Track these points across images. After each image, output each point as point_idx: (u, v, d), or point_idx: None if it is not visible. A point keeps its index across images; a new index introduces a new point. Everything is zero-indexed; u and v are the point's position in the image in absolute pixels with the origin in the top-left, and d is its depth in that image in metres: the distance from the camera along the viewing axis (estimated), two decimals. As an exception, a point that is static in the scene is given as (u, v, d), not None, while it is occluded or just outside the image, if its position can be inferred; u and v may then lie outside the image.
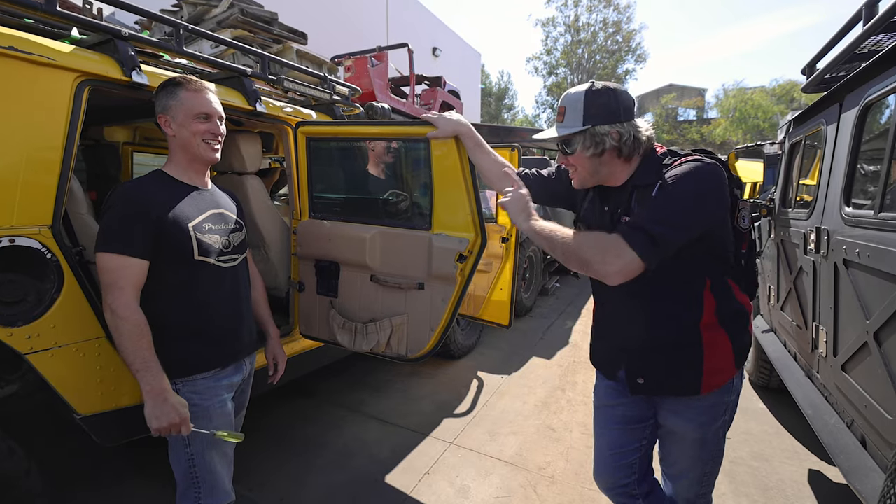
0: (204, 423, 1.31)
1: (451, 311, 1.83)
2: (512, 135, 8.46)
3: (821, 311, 1.93)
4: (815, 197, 2.06)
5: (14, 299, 1.32)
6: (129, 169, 3.26)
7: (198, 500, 1.34)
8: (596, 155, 1.16)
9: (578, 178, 1.24)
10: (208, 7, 3.92)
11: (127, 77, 1.58)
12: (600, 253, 1.07)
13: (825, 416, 1.82)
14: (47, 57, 1.37)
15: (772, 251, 2.79)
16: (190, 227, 1.30)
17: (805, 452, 2.50)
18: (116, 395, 1.59)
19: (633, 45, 29.99)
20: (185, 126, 1.31)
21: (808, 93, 2.44)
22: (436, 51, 16.30)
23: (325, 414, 2.86)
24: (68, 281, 1.43)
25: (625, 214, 1.17)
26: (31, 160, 1.35)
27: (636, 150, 1.16)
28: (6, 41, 1.29)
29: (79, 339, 1.47)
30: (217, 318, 1.38)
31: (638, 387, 1.26)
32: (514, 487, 2.21)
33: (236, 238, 1.46)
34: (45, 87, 1.38)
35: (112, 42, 1.59)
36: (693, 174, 1.06)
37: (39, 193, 1.37)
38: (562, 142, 1.20)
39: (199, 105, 1.32)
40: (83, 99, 1.47)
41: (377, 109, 3.16)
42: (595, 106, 1.13)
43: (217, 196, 1.47)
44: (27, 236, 1.33)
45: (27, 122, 1.34)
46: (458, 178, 1.73)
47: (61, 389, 1.43)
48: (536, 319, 5.11)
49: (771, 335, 2.83)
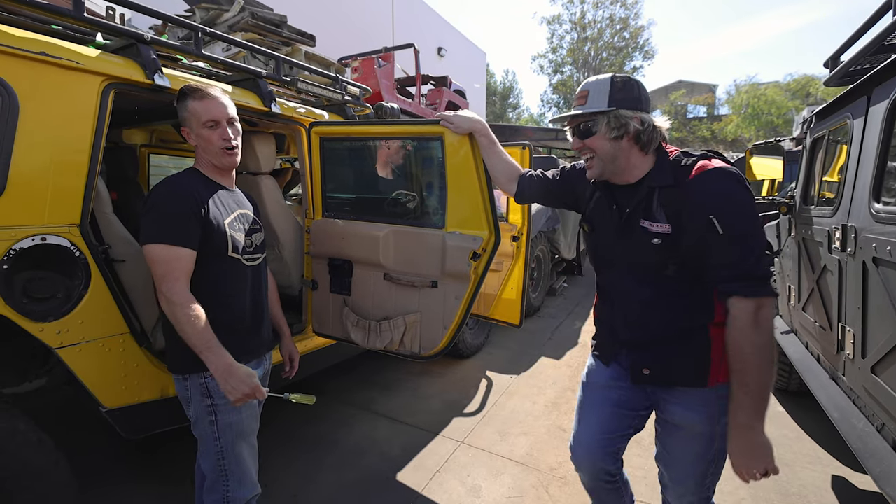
0: (232, 415, 1.35)
1: (464, 309, 1.86)
2: (517, 134, 8.47)
3: (847, 312, 1.85)
4: (840, 193, 1.98)
5: (45, 295, 1.37)
6: (146, 170, 3.33)
7: (226, 492, 1.37)
8: (617, 138, 1.15)
9: (595, 166, 1.21)
10: (220, 11, 3.98)
11: (150, 80, 1.62)
12: (766, 335, 1.06)
13: (853, 420, 1.74)
14: (76, 61, 1.42)
15: (792, 250, 2.70)
16: (225, 223, 1.35)
17: (828, 457, 2.42)
18: (139, 389, 1.64)
19: (641, 41, 29.86)
20: (200, 135, 1.35)
21: (832, 86, 2.33)
22: (441, 50, 16.34)
23: (334, 412, 2.89)
24: (95, 278, 1.48)
25: (644, 217, 1.16)
26: (62, 161, 1.40)
27: (654, 141, 1.17)
28: (38, 47, 1.34)
29: (104, 335, 1.52)
30: (242, 314, 1.43)
31: (642, 377, 1.25)
32: (526, 488, 2.22)
33: (258, 238, 1.51)
34: (73, 90, 1.43)
35: (135, 46, 1.64)
36: (737, 183, 1.06)
37: (69, 193, 1.42)
38: (581, 124, 1.19)
39: (204, 112, 1.33)
40: (109, 101, 1.52)
41: (387, 109, 3.20)
42: (620, 91, 1.14)
43: (240, 197, 1.51)
44: (57, 235, 1.38)
45: (58, 125, 1.39)
46: (472, 177, 1.75)
47: (88, 383, 1.48)
48: (545, 319, 5.12)
49: (791, 336, 2.73)
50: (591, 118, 1.17)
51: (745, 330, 1.04)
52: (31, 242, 1.32)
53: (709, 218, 1.04)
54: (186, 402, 1.39)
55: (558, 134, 8.90)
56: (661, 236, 1.12)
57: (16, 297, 1.30)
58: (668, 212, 1.12)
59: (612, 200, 1.24)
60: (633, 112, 1.14)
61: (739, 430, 1.07)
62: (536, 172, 1.57)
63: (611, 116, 1.14)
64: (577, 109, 1.18)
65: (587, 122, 1.18)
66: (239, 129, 1.43)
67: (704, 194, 1.07)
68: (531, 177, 1.56)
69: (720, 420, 1.18)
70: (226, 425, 1.34)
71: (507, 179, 1.62)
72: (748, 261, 1.04)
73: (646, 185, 1.17)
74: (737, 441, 1.08)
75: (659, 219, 1.13)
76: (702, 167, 1.09)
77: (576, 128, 1.21)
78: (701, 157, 1.14)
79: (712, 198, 1.06)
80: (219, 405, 1.33)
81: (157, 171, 3.49)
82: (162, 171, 3.63)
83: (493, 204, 1.78)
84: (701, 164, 1.10)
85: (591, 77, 1.19)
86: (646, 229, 1.15)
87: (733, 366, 1.08)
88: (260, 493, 1.48)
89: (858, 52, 1.97)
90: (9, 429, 1.25)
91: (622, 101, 1.14)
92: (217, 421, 1.34)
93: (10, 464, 1.23)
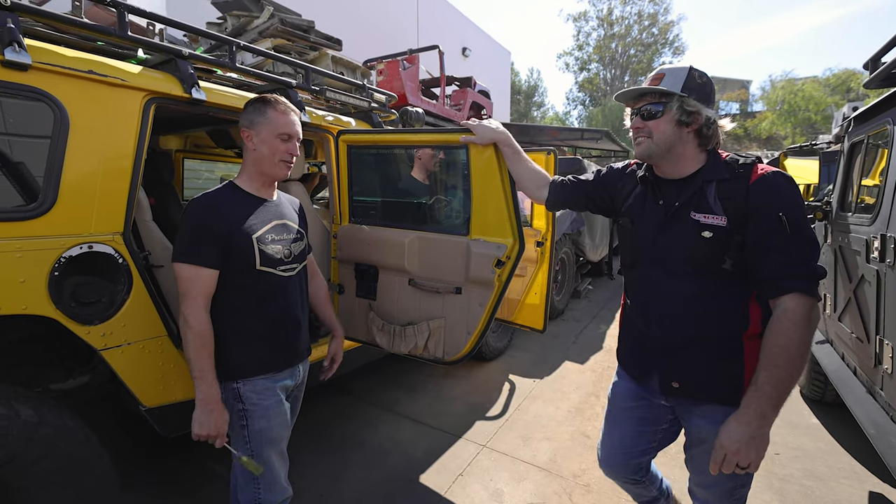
0: (262, 423, 1.40)
1: (488, 316, 1.87)
2: (542, 133, 8.39)
3: (885, 325, 1.80)
4: (879, 201, 1.93)
5: (91, 300, 1.45)
6: (180, 174, 3.47)
7: (257, 495, 1.42)
8: (682, 124, 1.16)
9: (646, 148, 1.20)
10: (250, 18, 4.10)
11: (187, 94, 1.69)
12: (812, 334, 1.08)
13: (891, 437, 1.69)
14: (120, 78, 1.50)
15: (828, 257, 2.62)
16: (254, 238, 1.39)
17: (865, 473, 2.34)
18: (175, 389, 1.71)
19: (671, 37, 29.12)
20: (267, 143, 1.40)
21: (871, 88, 2.26)
22: (466, 51, 16.32)
23: (360, 412, 2.94)
24: (136, 284, 1.55)
25: (696, 210, 1.16)
26: (107, 173, 1.48)
27: (713, 139, 1.19)
28: (86, 65, 1.42)
29: (145, 337, 1.60)
30: (276, 325, 1.46)
31: (672, 390, 1.24)
32: (549, 494, 2.21)
33: (297, 247, 1.53)
34: (118, 105, 1.51)
35: (174, 61, 1.71)
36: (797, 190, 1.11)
37: (113, 203, 1.50)
38: (649, 105, 1.18)
39: (283, 125, 1.40)
40: (150, 115, 1.60)
41: (412, 115, 3.23)
42: (696, 82, 1.16)
43: (282, 207, 1.54)
44: (103, 243, 1.46)
45: (104, 139, 1.47)
46: (497, 185, 1.76)
47: (130, 383, 1.56)
48: (569, 323, 5.06)
49: (827, 346, 2.66)
50: (662, 99, 1.17)
51: (799, 325, 1.04)
52: (79, 250, 1.40)
53: (779, 216, 1.06)
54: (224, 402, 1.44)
55: (584, 133, 8.76)
56: (715, 229, 1.13)
57: (65, 301, 1.38)
58: (727, 205, 1.13)
59: (658, 194, 1.25)
60: (702, 105, 1.16)
61: (751, 418, 1.05)
62: (567, 178, 1.56)
63: (684, 101, 1.15)
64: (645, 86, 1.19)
65: (655, 103, 1.18)
66: (298, 149, 1.49)
67: (772, 194, 1.09)
68: (563, 183, 1.55)
69: None
70: (256, 431, 1.39)
71: (536, 187, 1.61)
72: (812, 261, 1.07)
73: (700, 179, 1.18)
74: (743, 427, 1.05)
75: (716, 211, 1.14)
76: (764, 169, 1.13)
77: (640, 109, 1.21)
78: (757, 160, 1.16)
79: (781, 198, 1.09)
80: (250, 410, 1.38)
81: (191, 174, 3.64)
82: (195, 175, 3.78)
83: (517, 211, 1.78)
84: (762, 167, 1.14)
85: (667, 64, 1.21)
86: (698, 222, 1.15)
87: (769, 359, 1.06)
88: (291, 496, 1.52)
89: None
90: (59, 425, 1.33)
91: (695, 91, 1.15)
92: (248, 426, 1.38)
93: (61, 458, 1.31)
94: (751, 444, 1.05)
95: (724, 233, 1.12)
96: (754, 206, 1.09)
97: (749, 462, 1.05)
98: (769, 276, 1.09)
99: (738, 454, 1.05)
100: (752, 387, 1.07)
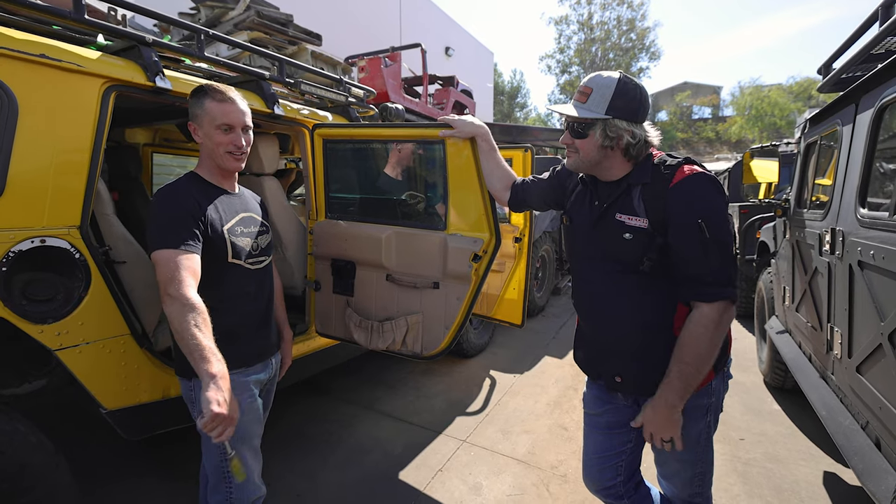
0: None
1: (465, 310, 1.85)
2: (525, 134, 8.42)
3: (836, 313, 1.91)
4: (830, 198, 2.05)
5: (45, 297, 1.37)
6: (149, 170, 3.34)
7: (229, 493, 1.37)
8: (607, 147, 1.17)
9: (574, 162, 1.23)
10: (225, 10, 3.98)
11: (151, 82, 1.62)
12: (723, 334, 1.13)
13: (839, 418, 1.81)
14: (76, 64, 1.42)
15: (787, 252, 2.77)
16: (225, 230, 1.34)
17: (820, 454, 2.48)
18: (139, 390, 1.64)
19: (647, 42, 29.71)
20: (210, 136, 1.33)
21: (824, 92, 2.41)
22: (448, 50, 16.29)
23: (339, 411, 2.89)
24: (95, 280, 1.48)
25: (620, 211, 1.18)
26: (61, 163, 1.40)
27: (641, 154, 1.18)
28: (37, 49, 1.34)
29: (104, 336, 1.53)
30: (246, 319, 1.41)
31: (616, 385, 1.28)
32: (527, 486, 2.22)
33: (263, 241, 1.49)
34: (74, 92, 1.43)
35: (136, 48, 1.64)
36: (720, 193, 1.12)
37: (68, 195, 1.42)
38: (576, 122, 1.19)
39: (221, 115, 1.32)
40: (109, 104, 1.52)
41: (391, 110, 3.19)
42: (623, 99, 1.13)
43: (245, 199, 1.50)
44: (57, 237, 1.39)
45: (58, 127, 1.39)
46: (473, 180, 1.74)
47: (88, 384, 1.48)
48: (549, 319, 5.09)
49: (786, 336, 2.81)
50: (585, 121, 1.16)
51: (710, 328, 1.09)
52: (30, 245, 1.32)
53: (697, 222, 1.08)
54: (191, 402, 1.38)
55: (565, 133, 8.82)
56: (636, 230, 1.15)
57: (15, 299, 1.30)
58: (649, 207, 1.14)
59: (595, 195, 1.27)
60: (628, 124, 1.14)
61: (664, 406, 1.14)
62: (529, 178, 1.58)
63: (607, 126, 1.14)
64: (575, 108, 1.17)
65: (581, 122, 1.17)
66: (251, 138, 1.42)
67: (692, 196, 1.10)
68: (524, 183, 1.58)
69: (693, 429, 1.23)
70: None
71: (502, 187, 1.64)
72: (726, 266, 1.10)
73: (625, 182, 1.19)
74: (658, 413, 1.15)
75: (638, 213, 1.16)
76: (689, 170, 1.12)
77: (571, 124, 1.21)
78: (684, 161, 1.16)
79: (700, 202, 1.10)
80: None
81: (161, 170, 3.51)
82: (165, 171, 3.65)
83: (493, 206, 1.77)
84: (687, 168, 1.13)
85: (602, 72, 1.18)
86: (622, 223, 1.18)
87: (681, 356, 1.12)
88: (265, 494, 1.47)
89: (848, 60, 2.04)
90: (9, 430, 1.25)
91: (620, 110, 1.13)
92: None
93: (8, 466, 1.23)
94: (666, 425, 1.15)
95: (645, 235, 1.14)
96: (673, 212, 1.11)
97: (670, 436, 1.16)
98: (686, 280, 1.12)
99: (659, 433, 1.17)
100: (665, 378, 1.14)
